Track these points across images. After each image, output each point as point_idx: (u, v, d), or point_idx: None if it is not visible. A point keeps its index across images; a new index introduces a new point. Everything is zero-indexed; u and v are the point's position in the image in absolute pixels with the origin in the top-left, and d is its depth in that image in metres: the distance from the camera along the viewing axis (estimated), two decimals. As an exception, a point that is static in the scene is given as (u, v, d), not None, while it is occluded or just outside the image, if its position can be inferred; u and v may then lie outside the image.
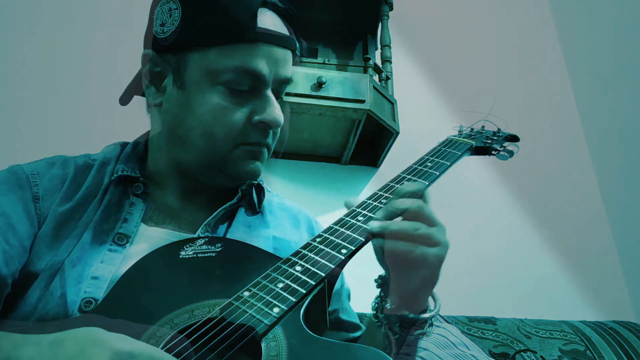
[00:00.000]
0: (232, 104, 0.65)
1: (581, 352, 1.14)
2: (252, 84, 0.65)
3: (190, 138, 0.66)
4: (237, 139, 0.66)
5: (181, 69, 0.66)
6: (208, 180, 0.71)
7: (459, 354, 0.95)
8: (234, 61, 0.64)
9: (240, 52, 0.64)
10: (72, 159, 0.71)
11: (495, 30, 2.07)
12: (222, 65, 0.64)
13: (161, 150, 0.72)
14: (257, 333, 0.49)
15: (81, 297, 0.56)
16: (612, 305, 1.56)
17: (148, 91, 0.70)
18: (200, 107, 0.65)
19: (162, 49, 0.67)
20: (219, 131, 0.65)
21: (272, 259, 0.60)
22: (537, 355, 1.11)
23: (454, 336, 1.01)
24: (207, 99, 0.65)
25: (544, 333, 1.19)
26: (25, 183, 0.65)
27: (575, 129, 1.94)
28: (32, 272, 0.59)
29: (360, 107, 1.43)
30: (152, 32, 0.68)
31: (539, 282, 1.57)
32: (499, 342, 1.14)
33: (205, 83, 0.65)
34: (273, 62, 0.66)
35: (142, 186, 0.69)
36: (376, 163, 1.66)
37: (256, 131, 0.67)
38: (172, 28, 0.65)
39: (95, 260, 0.60)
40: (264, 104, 0.66)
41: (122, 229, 0.64)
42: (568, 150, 1.88)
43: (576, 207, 1.75)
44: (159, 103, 0.69)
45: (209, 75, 0.64)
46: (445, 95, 1.83)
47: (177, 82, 0.67)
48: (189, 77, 0.65)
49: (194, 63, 0.65)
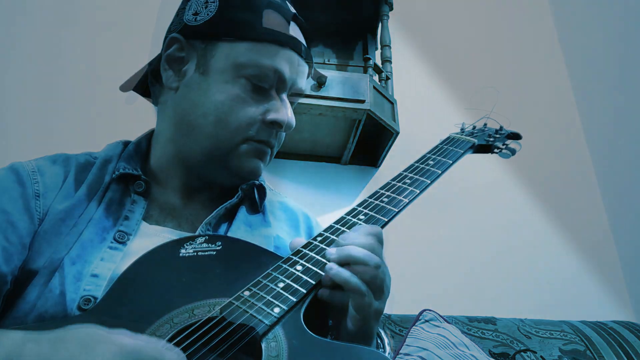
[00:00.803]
0: (250, 99, 0.68)
1: (581, 352, 1.14)
2: (272, 83, 0.68)
3: (201, 125, 0.68)
4: (248, 133, 0.68)
5: (207, 55, 0.68)
6: (210, 175, 0.71)
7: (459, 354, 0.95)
8: (262, 58, 0.67)
9: (270, 52, 0.67)
10: (74, 156, 0.71)
11: (495, 30, 2.07)
12: (250, 59, 0.67)
13: (168, 141, 0.72)
14: (258, 333, 0.49)
15: (80, 295, 0.56)
16: (612, 305, 1.56)
17: (166, 74, 0.72)
18: (219, 95, 0.67)
19: (191, 36, 0.69)
20: (233, 121, 0.67)
21: (273, 258, 0.60)
22: (537, 355, 1.11)
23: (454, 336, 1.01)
24: (228, 88, 0.67)
25: (544, 333, 1.19)
26: (26, 180, 0.65)
27: (575, 128, 1.94)
28: (32, 270, 0.59)
29: (360, 107, 1.43)
30: (181, 20, 0.71)
31: (539, 282, 1.57)
32: (499, 342, 1.13)
33: (230, 73, 0.67)
34: (295, 70, 0.70)
35: (143, 184, 0.69)
36: (376, 163, 1.66)
37: (266, 130, 0.69)
38: (206, 18, 0.68)
39: (95, 258, 0.59)
40: (280, 105, 0.69)
41: (123, 226, 0.64)
42: (568, 149, 1.88)
43: (576, 206, 1.75)
44: (175, 87, 0.71)
45: (235, 66, 0.67)
46: (445, 95, 1.83)
47: (201, 68, 0.69)
48: (214, 64, 0.68)
49: (222, 52, 0.68)
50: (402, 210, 0.66)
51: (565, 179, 1.79)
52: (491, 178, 1.71)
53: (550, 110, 1.93)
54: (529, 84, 1.96)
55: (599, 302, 1.55)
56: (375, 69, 1.59)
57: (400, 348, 0.96)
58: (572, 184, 1.79)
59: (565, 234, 1.68)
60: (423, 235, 1.58)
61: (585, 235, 1.70)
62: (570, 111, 1.96)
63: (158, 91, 0.75)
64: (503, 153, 0.87)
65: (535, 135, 1.77)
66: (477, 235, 1.63)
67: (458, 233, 1.61)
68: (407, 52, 1.87)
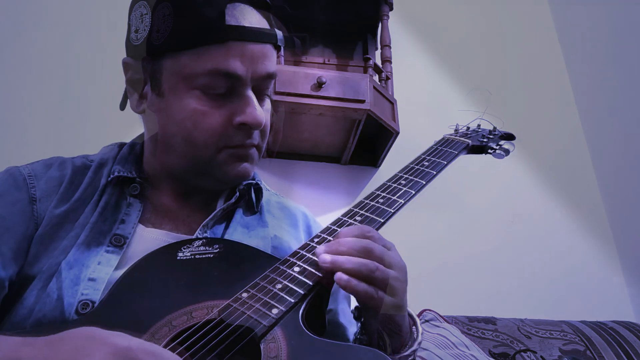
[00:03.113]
0: (210, 108, 0.63)
1: (581, 352, 1.14)
2: (229, 85, 0.63)
3: (174, 145, 0.66)
4: (220, 142, 0.65)
5: (157, 75, 0.64)
6: (199, 184, 0.71)
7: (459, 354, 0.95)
8: (206, 64, 0.61)
9: (212, 54, 0.61)
10: (70, 160, 0.71)
11: (495, 29, 2.06)
12: (194, 69, 0.62)
13: (152, 154, 0.72)
14: (256, 335, 0.49)
15: (78, 299, 0.56)
16: (612, 305, 1.56)
17: (131, 99, 0.69)
18: (178, 114, 0.63)
19: (139, 56, 0.65)
20: (199, 136, 0.64)
21: (271, 260, 0.60)
22: (537, 355, 1.11)
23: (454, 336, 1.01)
24: (185, 104, 0.63)
25: (544, 333, 1.19)
26: (23, 185, 0.65)
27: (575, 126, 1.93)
28: (29, 275, 0.59)
29: (360, 107, 1.42)
30: (128, 39, 0.67)
31: (539, 282, 1.57)
32: (499, 342, 1.13)
33: (181, 88, 0.63)
34: (248, 60, 0.63)
35: (138, 187, 0.68)
36: (376, 163, 1.66)
37: (238, 133, 0.65)
38: (144, 34, 0.64)
39: (92, 262, 0.59)
40: (244, 105, 0.64)
41: (120, 230, 0.64)
42: (567, 148, 1.88)
43: (576, 206, 1.75)
44: (142, 110, 0.69)
45: (184, 80, 0.63)
46: (445, 95, 1.83)
47: (155, 89, 0.65)
48: (165, 82, 0.64)
49: (168, 69, 0.63)
50: (398, 211, 0.66)
51: (565, 179, 1.79)
52: (491, 177, 1.70)
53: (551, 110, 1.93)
54: (529, 84, 1.96)
55: (599, 302, 1.55)
56: (375, 69, 1.59)
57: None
58: (572, 184, 1.79)
59: (565, 234, 1.68)
60: (423, 235, 1.58)
61: (585, 235, 1.70)
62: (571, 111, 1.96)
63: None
64: (497, 154, 0.87)
65: (535, 135, 1.77)
66: (477, 235, 1.63)
67: (458, 233, 1.61)
68: (407, 52, 1.87)
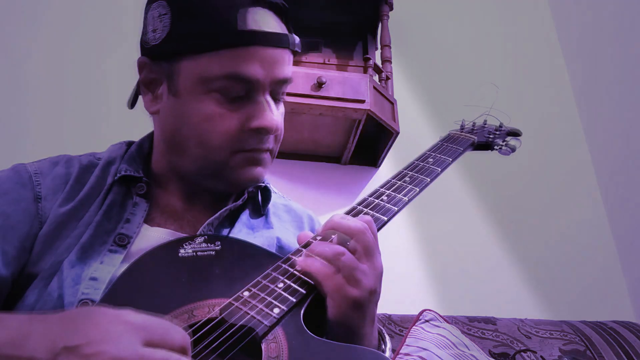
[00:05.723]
0: (227, 111, 0.63)
1: (581, 352, 1.14)
2: (247, 89, 0.63)
3: (187, 147, 0.65)
4: (234, 146, 0.64)
5: (174, 76, 0.64)
6: (208, 186, 0.70)
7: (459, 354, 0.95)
8: (226, 68, 0.61)
9: (232, 58, 0.61)
10: (77, 158, 0.71)
11: (495, 29, 2.06)
12: (213, 72, 0.61)
13: (162, 154, 0.71)
14: (257, 334, 0.49)
15: (78, 298, 0.56)
16: (612, 305, 1.56)
17: (145, 98, 0.69)
18: (195, 115, 0.63)
19: (155, 56, 0.65)
20: (214, 139, 0.63)
21: (273, 258, 0.60)
22: (537, 355, 1.11)
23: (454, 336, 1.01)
24: (202, 107, 0.62)
25: (544, 333, 1.19)
26: (28, 182, 0.64)
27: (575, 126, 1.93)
28: (32, 273, 0.58)
29: (360, 107, 1.42)
30: (144, 39, 0.66)
31: (539, 282, 1.57)
32: (499, 342, 1.13)
33: (199, 91, 0.62)
34: (268, 65, 0.63)
35: (145, 186, 0.68)
36: (376, 163, 1.66)
37: (253, 137, 0.65)
38: (162, 35, 0.63)
39: (94, 261, 0.59)
40: (261, 109, 0.64)
41: (124, 229, 0.63)
42: (568, 148, 1.88)
43: (576, 206, 1.75)
44: (156, 110, 0.68)
45: (202, 83, 0.62)
46: (445, 95, 1.83)
47: (172, 89, 0.65)
48: (182, 84, 0.63)
49: (186, 71, 0.63)
50: (402, 208, 0.66)
51: (565, 178, 1.79)
52: (491, 176, 1.70)
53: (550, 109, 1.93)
54: (529, 84, 1.96)
55: (599, 302, 1.55)
56: (375, 69, 1.59)
57: (400, 348, 0.96)
58: (572, 183, 1.79)
59: (566, 234, 1.68)
60: (423, 235, 1.58)
61: (585, 235, 1.70)
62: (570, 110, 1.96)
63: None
64: (503, 150, 0.86)
65: (535, 135, 1.77)
66: (477, 235, 1.63)
67: (458, 233, 1.61)
68: (407, 52, 1.87)
